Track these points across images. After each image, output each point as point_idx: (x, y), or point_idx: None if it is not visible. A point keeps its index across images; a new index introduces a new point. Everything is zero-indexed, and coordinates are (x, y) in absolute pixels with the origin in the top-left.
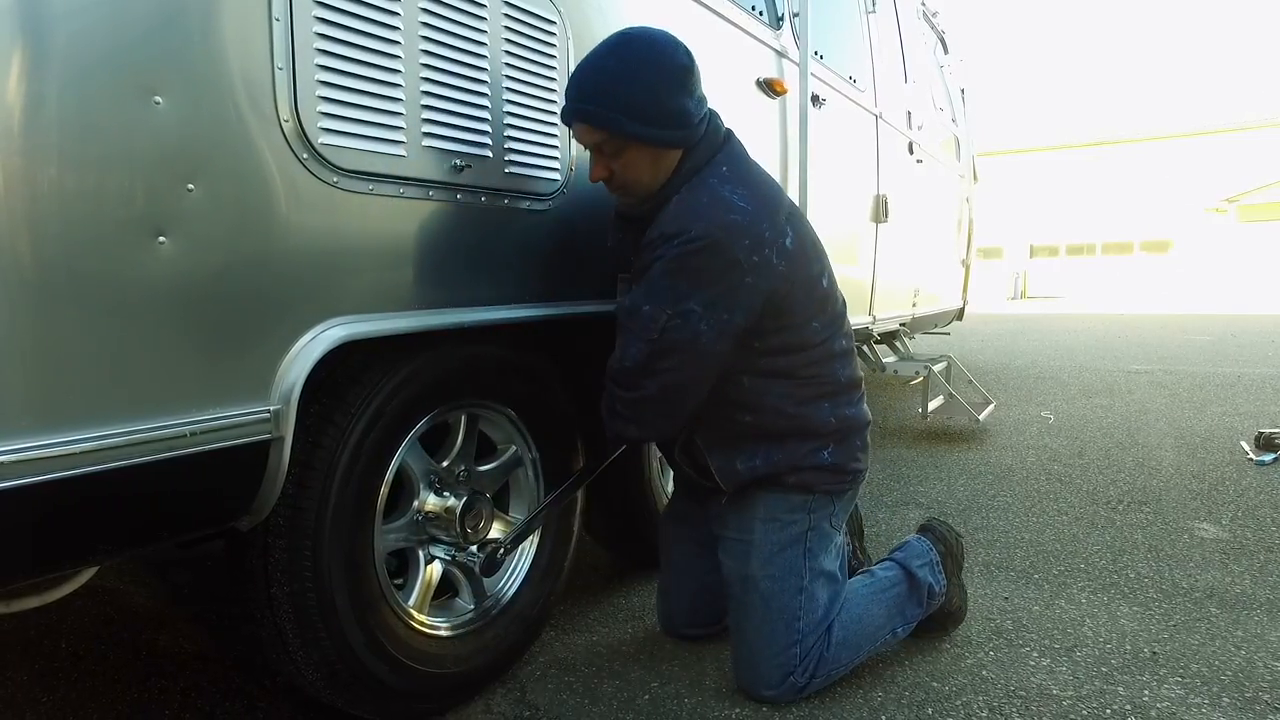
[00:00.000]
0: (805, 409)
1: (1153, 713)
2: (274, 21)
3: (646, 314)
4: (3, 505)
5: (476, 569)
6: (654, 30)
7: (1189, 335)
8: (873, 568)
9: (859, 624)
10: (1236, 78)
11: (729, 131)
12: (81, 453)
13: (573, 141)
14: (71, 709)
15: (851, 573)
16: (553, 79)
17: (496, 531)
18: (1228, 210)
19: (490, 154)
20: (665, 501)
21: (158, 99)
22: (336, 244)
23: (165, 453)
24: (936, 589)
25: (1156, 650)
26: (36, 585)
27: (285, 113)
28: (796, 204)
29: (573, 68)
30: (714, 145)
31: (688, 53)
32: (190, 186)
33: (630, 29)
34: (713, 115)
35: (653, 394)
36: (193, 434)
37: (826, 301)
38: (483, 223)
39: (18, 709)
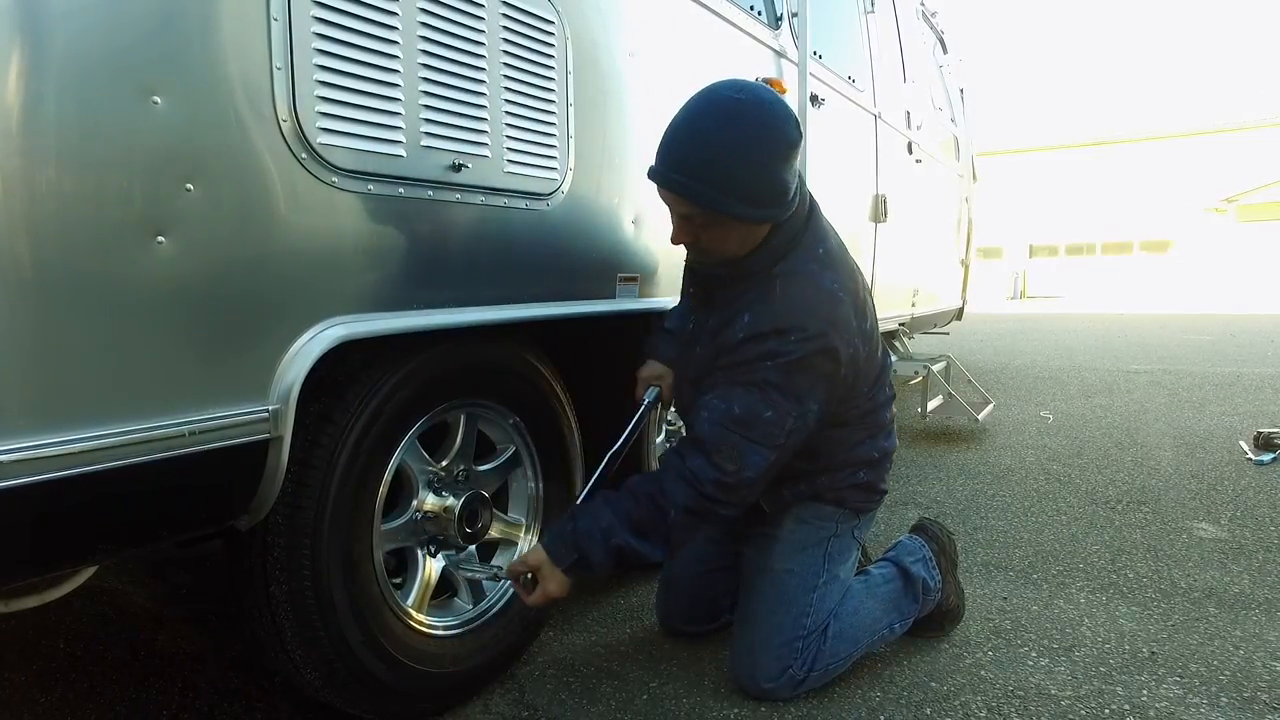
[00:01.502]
0: (855, 450)
1: (1151, 712)
2: (272, 21)
3: (770, 420)
4: (1, 505)
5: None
6: (765, 95)
7: (1189, 335)
8: (868, 568)
9: (855, 617)
10: (1236, 78)
11: (812, 199)
12: (80, 452)
13: (571, 142)
14: (69, 709)
15: None
16: (551, 79)
17: (495, 532)
18: (1227, 210)
19: (489, 154)
20: None
21: (156, 99)
22: (335, 244)
23: (164, 452)
24: (931, 585)
25: (1155, 650)
26: (35, 585)
27: (284, 113)
28: None
29: (571, 67)
30: (801, 217)
31: (797, 124)
32: (189, 187)
33: (742, 93)
34: (801, 183)
35: (759, 489)
36: (191, 433)
37: (877, 358)
38: (481, 222)
39: (15, 709)
